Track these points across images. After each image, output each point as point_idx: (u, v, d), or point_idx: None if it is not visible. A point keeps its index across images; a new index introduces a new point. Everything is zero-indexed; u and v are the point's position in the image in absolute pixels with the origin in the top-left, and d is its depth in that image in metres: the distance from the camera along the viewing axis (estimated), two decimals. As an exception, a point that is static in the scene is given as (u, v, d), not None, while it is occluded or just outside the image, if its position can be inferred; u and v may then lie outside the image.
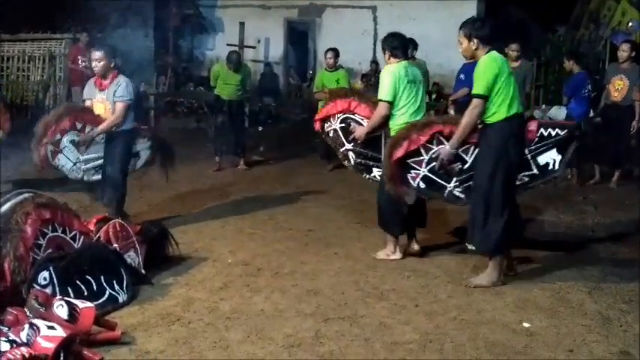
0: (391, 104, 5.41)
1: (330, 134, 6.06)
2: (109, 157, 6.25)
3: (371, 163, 5.84)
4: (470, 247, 5.09)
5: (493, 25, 5.01)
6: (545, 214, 7.20)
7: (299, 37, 17.22)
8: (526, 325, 4.32)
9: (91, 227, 5.04)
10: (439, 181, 5.29)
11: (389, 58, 5.59)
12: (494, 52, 4.91)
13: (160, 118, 13.96)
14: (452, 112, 8.70)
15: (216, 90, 9.46)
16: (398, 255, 5.60)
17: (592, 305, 4.67)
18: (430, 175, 5.30)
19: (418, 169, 5.32)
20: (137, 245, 5.04)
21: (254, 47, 16.42)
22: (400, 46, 5.59)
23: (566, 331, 4.24)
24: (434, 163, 5.22)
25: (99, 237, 4.93)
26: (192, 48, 17.53)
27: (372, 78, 15.39)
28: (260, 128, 13.43)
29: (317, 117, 6.31)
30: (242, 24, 15.82)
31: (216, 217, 6.88)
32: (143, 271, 4.98)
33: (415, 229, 5.77)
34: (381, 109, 5.45)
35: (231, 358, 3.83)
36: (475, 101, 4.86)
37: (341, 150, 6.00)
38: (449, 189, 5.29)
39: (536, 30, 16.33)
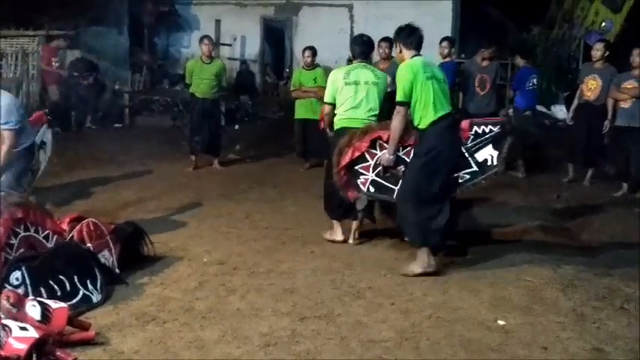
0: (332, 104, 5.93)
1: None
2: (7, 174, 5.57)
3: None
4: (406, 238, 5.44)
5: (418, 33, 5.29)
6: (519, 212, 7.25)
7: (275, 35, 17.19)
8: (501, 322, 4.35)
9: (64, 226, 4.98)
10: (387, 184, 5.48)
11: (352, 57, 6.17)
12: (414, 59, 5.20)
13: (134, 115, 13.88)
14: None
15: (192, 88, 9.35)
16: (339, 236, 5.99)
17: (566, 302, 4.72)
18: (378, 179, 5.51)
19: (366, 175, 5.53)
20: (111, 244, 4.98)
21: (230, 45, 16.38)
22: (357, 47, 6.06)
23: (541, 328, 4.27)
24: (380, 168, 5.45)
25: (72, 236, 4.87)
26: (167, 45, 17.41)
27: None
28: (236, 127, 13.38)
29: (320, 117, 6.97)
30: (218, 21, 15.76)
31: (192, 216, 6.84)
32: (117, 271, 4.93)
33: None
34: (324, 109, 6.16)
35: (207, 357, 3.81)
36: (397, 108, 5.17)
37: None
38: (397, 191, 5.43)
39: (512, 29, 16.48)
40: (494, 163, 5.23)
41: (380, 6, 15.28)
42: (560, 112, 14.78)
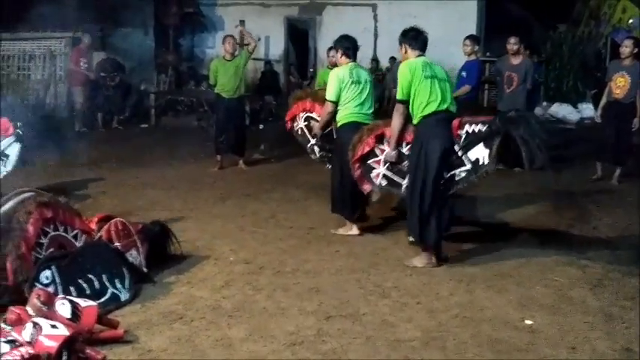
0: (336, 103, 6.10)
1: (299, 132, 6.85)
2: None
3: (330, 154, 6.55)
4: (410, 238, 5.57)
5: (423, 36, 5.50)
6: (547, 212, 7.19)
7: (299, 35, 17.23)
8: (528, 322, 4.32)
9: (93, 226, 5.03)
10: (396, 179, 5.69)
11: (341, 57, 6.25)
12: (415, 60, 5.37)
13: (160, 116, 14.01)
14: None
15: (217, 88, 9.42)
16: (355, 231, 6.21)
17: (594, 302, 4.67)
18: (388, 173, 5.73)
19: (378, 169, 5.77)
20: (139, 244, 5.02)
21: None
22: (351, 47, 6.25)
23: (569, 328, 4.24)
24: (388, 163, 5.69)
25: (100, 236, 4.92)
26: (192, 46, 17.54)
27: (372, 75, 15.38)
28: (261, 127, 13.43)
29: (287, 117, 7.02)
30: (242, 22, 15.79)
31: (218, 216, 6.88)
32: (145, 270, 4.97)
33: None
34: (327, 107, 6.20)
35: (234, 356, 3.83)
36: (396, 105, 5.43)
37: (307, 146, 6.80)
38: (404, 186, 5.60)
39: (537, 27, 16.35)
40: (486, 162, 5.27)
41: (404, 5, 15.27)
42: (586, 110, 14.66)
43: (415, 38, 5.47)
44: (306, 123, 6.71)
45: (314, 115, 6.61)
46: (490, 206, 7.30)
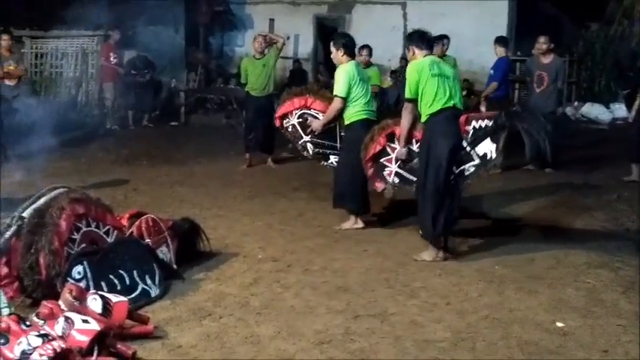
0: (345, 99, 6.17)
1: (289, 129, 6.80)
2: None
3: (328, 151, 6.66)
4: (421, 232, 5.62)
5: (427, 36, 5.65)
6: (579, 213, 7.10)
7: (328, 33, 17.17)
8: (559, 324, 4.26)
9: (124, 222, 5.07)
10: (408, 175, 5.85)
11: (342, 56, 6.29)
12: (422, 59, 5.49)
13: (189, 114, 14.10)
14: (483, 108, 8.69)
15: (247, 87, 9.47)
16: (360, 224, 6.34)
17: (627, 305, 4.60)
18: (400, 171, 5.94)
19: (390, 167, 5.98)
20: (169, 240, 5.06)
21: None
22: (350, 46, 6.34)
23: (601, 331, 4.18)
24: (399, 161, 5.88)
25: (131, 232, 4.96)
26: (222, 45, 17.62)
27: (401, 74, 15.32)
28: (289, 125, 13.43)
29: (277, 114, 6.97)
30: (271, 20, 15.86)
31: (247, 213, 6.90)
32: (175, 266, 5.01)
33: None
34: (337, 104, 6.24)
35: (262, 353, 3.84)
36: (405, 104, 5.61)
37: (299, 142, 6.77)
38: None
39: (569, 26, 16.14)
40: (494, 156, 5.45)
41: (433, 3, 15.16)
42: (619, 110, 14.45)
43: (420, 40, 5.61)
44: (299, 120, 6.70)
45: (312, 112, 6.63)
46: (521, 206, 7.23)
